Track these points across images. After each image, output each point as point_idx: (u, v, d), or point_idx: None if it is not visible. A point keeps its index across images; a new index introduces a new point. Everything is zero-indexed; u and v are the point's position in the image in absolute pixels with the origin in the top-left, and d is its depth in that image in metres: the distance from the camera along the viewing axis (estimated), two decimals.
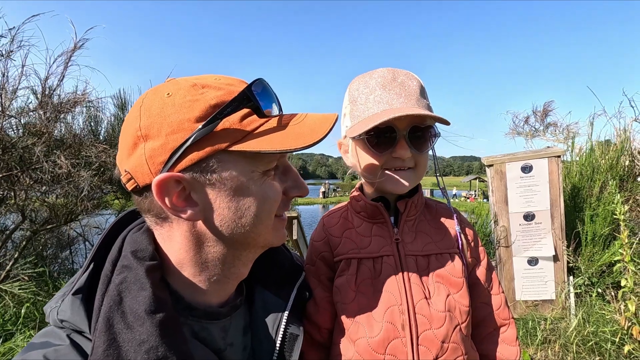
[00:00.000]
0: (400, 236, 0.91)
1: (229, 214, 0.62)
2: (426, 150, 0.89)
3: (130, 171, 0.60)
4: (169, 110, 0.58)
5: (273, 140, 0.60)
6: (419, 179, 0.93)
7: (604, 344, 2.83)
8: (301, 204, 30.29)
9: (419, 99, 0.86)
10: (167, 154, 0.57)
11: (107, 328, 0.54)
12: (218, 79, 0.64)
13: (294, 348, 0.75)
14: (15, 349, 2.56)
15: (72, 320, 0.58)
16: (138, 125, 0.59)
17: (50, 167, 3.06)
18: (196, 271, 0.66)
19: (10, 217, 4.06)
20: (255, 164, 0.62)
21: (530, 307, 3.48)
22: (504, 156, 3.59)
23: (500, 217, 3.58)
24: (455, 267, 0.89)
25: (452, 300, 0.86)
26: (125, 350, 0.53)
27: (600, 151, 3.99)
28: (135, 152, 0.59)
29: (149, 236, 0.66)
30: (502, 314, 0.97)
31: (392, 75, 0.88)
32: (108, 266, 0.61)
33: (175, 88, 0.61)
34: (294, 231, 3.58)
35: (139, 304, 0.56)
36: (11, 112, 3.10)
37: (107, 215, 4.91)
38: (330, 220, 1.01)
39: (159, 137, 0.57)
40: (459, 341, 0.83)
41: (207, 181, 0.60)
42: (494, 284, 1.00)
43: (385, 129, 0.85)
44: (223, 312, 0.71)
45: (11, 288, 3.05)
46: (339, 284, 0.90)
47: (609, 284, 3.39)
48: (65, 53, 3.27)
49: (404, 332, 0.82)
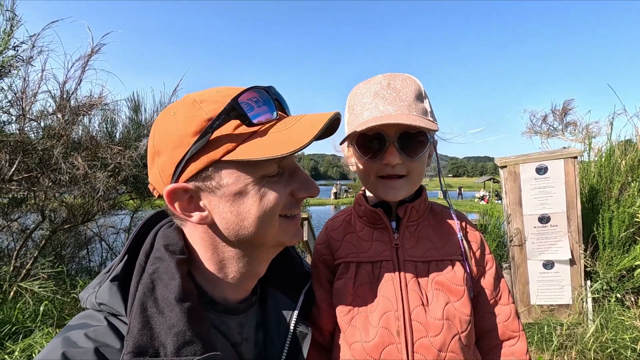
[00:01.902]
0: (400, 241, 0.91)
1: (232, 218, 0.67)
2: (419, 156, 0.87)
3: (152, 182, 0.70)
4: (173, 127, 0.65)
5: (261, 148, 0.63)
6: (413, 187, 0.91)
7: (624, 351, 2.74)
8: (313, 205, 30.30)
9: (412, 105, 0.85)
10: (172, 167, 0.64)
11: (142, 311, 0.60)
12: (219, 91, 0.68)
13: (303, 346, 0.79)
14: (34, 345, 2.64)
15: (109, 303, 0.63)
16: (153, 143, 0.68)
17: (68, 169, 3.15)
18: (216, 269, 0.72)
19: (31, 217, 4.20)
20: (251, 170, 0.65)
21: (546, 311, 3.39)
22: (518, 157, 3.51)
23: (514, 219, 3.51)
24: (456, 275, 0.88)
25: (451, 309, 0.84)
26: (157, 332, 0.59)
27: (620, 151, 3.87)
28: (153, 167, 0.68)
29: (179, 232, 0.73)
30: (511, 326, 0.94)
31: (387, 82, 0.88)
32: (142, 257, 0.67)
33: (179, 106, 0.68)
34: (304, 232, 3.59)
35: (169, 291, 0.61)
36: (31, 115, 3.20)
37: (122, 215, 5.02)
38: (333, 224, 1.02)
39: (166, 152, 0.65)
40: (458, 350, 0.82)
41: (208, 189, 0.65)
42: (502, 294, 0.96)
43: (375, 135, 0.85)
44: (241, 308, 0.75)
45: (31, 286, 3.15)
46: (337, 287, 0.91)
47: (629, 289, 3.28)
48: (83, 57, 3.37)
49: (399, 339, 0.82)
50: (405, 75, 0.90)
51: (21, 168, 3.17)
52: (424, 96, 0.90)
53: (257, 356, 0.77)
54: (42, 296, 3.25)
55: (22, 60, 3.06)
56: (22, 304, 3.13)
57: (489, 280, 0.96)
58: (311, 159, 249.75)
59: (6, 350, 2.61)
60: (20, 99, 3.03)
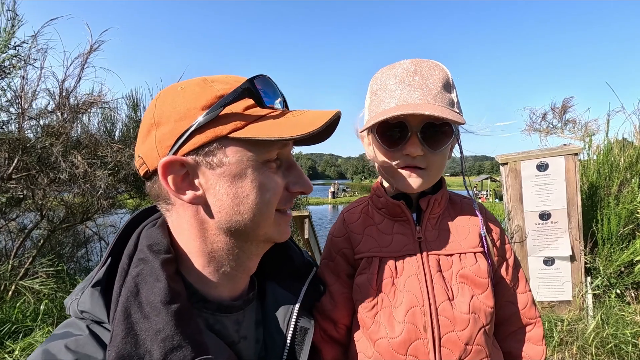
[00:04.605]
0: (422, 234, 0.89)
1: (228, 200, 0.64)
2: (441, 148, 0.84)
3: (143, 156, 0.66)
4: (180, 100, 0.63)
5: (271, 129, 0.63)
6: (432, 181, 0.89)
7: (624, 346, 2.75)
8: (310, 204, 30.22)
9: (439, 94, 0.81)
10: (174, 138, 0.62)
11: (125, 317, 0.56)
12: (229, 77, 0.68)
13: (305, 341, 0.76)
14: (34, 344, 2.62)
15: (91, 310, 0.60)
16: (152, 114, 0.65)
17: (68, 167, 3.13)
18: (205, 262, 0.69)
19: (29, 216, 4.17)
20: (255, 152, 0.64)
21: (547, 308, 3.41)
22: (519, 154, 3.52)
23: (515, 216, 3.51)
24: (480, 267, 0.86)
25: (476, 302, 0.83)
26: (142, 339, 0.56)
27: (619, 148, 3.88)
28: (148, 138, 0.65)
29: (163, 231, 0.69)
30: (529, 313, 0.95)
31: (414, 68, 0.83)
32: (125, 260, 0.64)
33: (187, 83, 0.66)
34: (305, 230, 3.58)
35: (154, 294, 0.58)
36: (30, 113, 3.18)
37: (122, 214, 5.00)
38: (351, 216, 0.99)
39: (169, 123, 0.63)
40: (483, 343, 0.81)
41: (209, 165, 0.63)
42: (520, 282, 0.97)
43: (397, 124, 0.82)
44: (236, 306, 0.73)
45: (32, 284, 3.13)
46: (359, 282, 0.89)
47: (629, 285, 3.29)
48: (82, 55, 3.35)
49: (425, 334, 0.80)
50: (434, 62, 0.86)
51: (20, 167, 3.15)
52: (452, 86, 0.86)
53: (258, 354, 0.75)
54: (42, 295, 3.23)
55: (23, 60, 3.04)
56: (22, 303, 3.11)
57: (508, 269, 0.95)
58: (309, 158, 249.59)
59: (6, 350, 2.59)
60: (19, 97, 3.01)
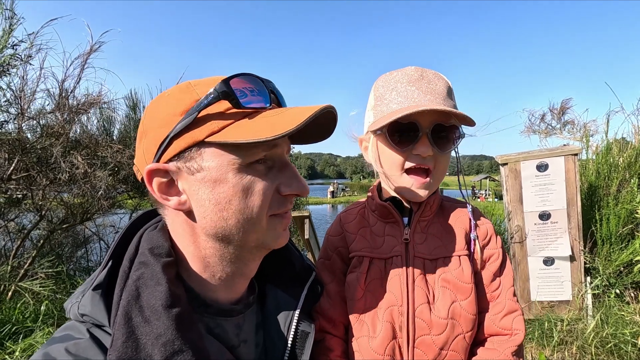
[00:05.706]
0: (410, 237, 0.90)
1: (210, 206, 0.63)
2: (449, 150, 0.87)
3: (137, 163, 0.68)
4: (162, 107, 0.64)
5: (249, 130, 0.60)
6: (437, 184, 0.91)
7: (624, 345, 2.77)
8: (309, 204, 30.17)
9: (446, 99, 0.84)
10: (156, 145, 0.62)
11: (126, 321, 0.56)
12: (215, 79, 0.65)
13: (305, 345, 0.76)
14: (35, 345, 2.62)
15: (92, 314, 0.60)
16: (143, 123, 0.67)
17: (68, 167, 3.12)
18: (201, 267, 0.68)
19: (28, 217, 4.16)
20: (237, 154, 0.61)
21: (546, 308, 3.42)
22: (519, 154, 3.53)
23: (515, 216, 3.52)
24: (463, 272, 0.86)
25: (457, 307, 0.83)
26: (143, 343, 0.55)
27: (618, 149, 3.90)
28: (139, 146, 0.66)
29: (164, 234, 0.69)
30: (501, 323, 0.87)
31: (420, 74, 0.87)
32: (126, 263, 0.63)
33: (173, 88, 0.66)
34: (305, 230, 3.58)
35: (155, 298, 0.58)
36: (30, 114, 3.17)
37: (122, 214, 4.99)
38: (347, 217, 1.01)
39: (152, 131, 0.63)
40: (460, 349, 0.82)
41: (189, 170, 0.62)
42: (502, 290, 0.91)
43: (408, 125, 0.83)
44: (236, 310, 0.72)
45: (31, 285, 3.12)
46: (349, 280, 0.91)
47: (628, 284, 3.31)
48: (82, 56, 3.34)
49: (401, 334, 0.82)
50: (434, 71, 0.90)
51: (19, 167, 3.14)
52: (453, 94, 0.90)
53: (259, 358, 0.74)
54: (42, 296, 3.22)
55: (21, 60, 3.03)
56: (22, 304, 3.10)
57: (487, 274, 0.91)
58: (308, 158, 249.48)
59: (7, 351, 2.59)
60: (19, 98, 3.00)
